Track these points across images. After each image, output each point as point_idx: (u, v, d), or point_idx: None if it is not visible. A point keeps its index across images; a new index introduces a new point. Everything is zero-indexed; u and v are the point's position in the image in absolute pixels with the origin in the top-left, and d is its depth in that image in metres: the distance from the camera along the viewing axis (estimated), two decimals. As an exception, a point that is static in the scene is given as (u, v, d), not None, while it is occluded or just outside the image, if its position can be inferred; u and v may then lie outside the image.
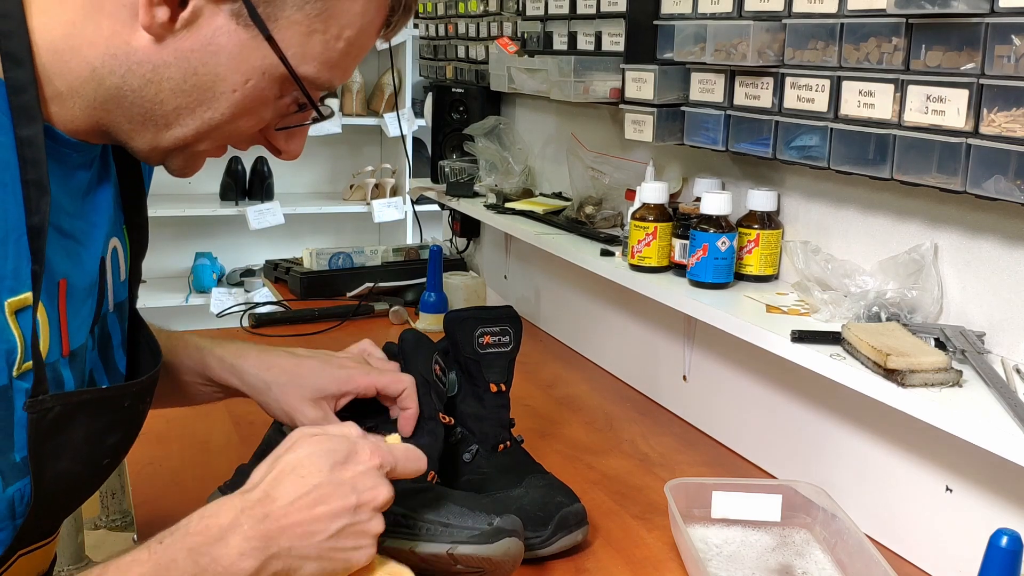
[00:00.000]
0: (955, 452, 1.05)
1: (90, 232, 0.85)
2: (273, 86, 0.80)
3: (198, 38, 0.76)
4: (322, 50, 0.79)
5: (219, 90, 0.78)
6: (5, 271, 0.72)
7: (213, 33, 0.76)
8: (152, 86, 0.77)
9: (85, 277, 0.84)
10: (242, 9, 0.75)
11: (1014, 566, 0.75)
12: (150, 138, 0.81)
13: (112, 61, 0.76)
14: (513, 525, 0.99)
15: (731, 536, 1.14)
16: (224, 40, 0.76)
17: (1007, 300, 1.05)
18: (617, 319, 1.73)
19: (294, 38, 0.77)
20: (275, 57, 0.77)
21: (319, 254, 2.24)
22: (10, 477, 0.76)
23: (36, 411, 0.76)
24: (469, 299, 2.04)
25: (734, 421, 1.44)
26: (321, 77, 0.81)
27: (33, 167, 0.74)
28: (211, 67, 0.77)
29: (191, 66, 0.76)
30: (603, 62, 1.61)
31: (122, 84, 0.77)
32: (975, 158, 0.98)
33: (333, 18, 0.78)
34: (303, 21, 0.77)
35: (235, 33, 0.76)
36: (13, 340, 0.73)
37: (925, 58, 1.03)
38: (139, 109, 0.78)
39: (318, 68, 0.80)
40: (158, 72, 0.76)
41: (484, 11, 2.18)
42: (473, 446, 1.17)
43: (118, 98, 0.78)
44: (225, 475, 1.10)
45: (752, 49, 1.23)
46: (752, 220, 1.35)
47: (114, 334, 0.92)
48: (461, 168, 2.16)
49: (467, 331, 1.17)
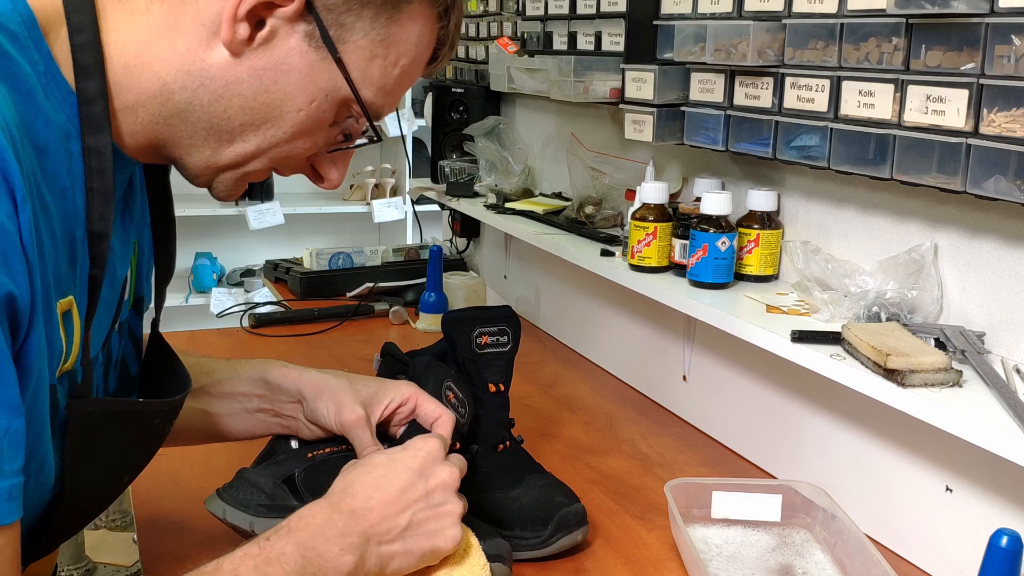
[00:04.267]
0: (955, 452, 1.05)
1: (119, 249, 0.87)
2: (332, 109, 0.84)
3: (272, 56, 0.79)
4: (380, 76, 0.83)
5: (285, 109, 0.82)
6: (61, 273, 0.75)
7: (286, 53, 0.80)
8: (222, 101, 0.80)
9: (113, 291, 0.87)
10: (315, 31, 0.79)
11: (1014, 566, 0.75)
12: (208, 154, 0.83)
13: (185, 77, 0.79)
14: (500, 550, 0.99)
15: (731, 536, 1.14)
16: (296, 60, 0.80)
17: (1007, 300, 1.05)
18: (617, 319, 1.73)
19: (358, 62, 0.82)
20: (339, 79, 0.82)
21: (319, 254, 2.24)
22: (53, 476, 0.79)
23: (77, 412, 0.79)
24: (469, 299, 2.04)
25: (734, 421, 1.44)
26: (376, 103, 0.85)
27: (99, 176, 0.77)
28: (281, 85, 0.80)
29: (263, 84, 0.80)
30: (603, 62, 1.61)
31: (192, 99, 0.80)
32: (975, 158, 0.98)
33: (393, 45, 0.83)
34: (367, 46, 0.81)
35: (306, 54, 0.80)
36: (60, 341, 0.76)
37: (925, 58, 1.03)
38: (204, 124, 0.81)
39: (375, 93, 0.84)
40: (230, 88, 0.80)
41: (484, 11, 2.18)
42: (473, 446, 1.17)
43: (185, 112, 0.80)
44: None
45: (752, 49, 1.23)
46: (752, 220, 1.35)
47: (113, 351, 0.93)
48: (461, 168, 2.16)
49: (464, 331, 1.17)
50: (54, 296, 0.74)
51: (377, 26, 0.81)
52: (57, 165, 0.75)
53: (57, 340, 0.75)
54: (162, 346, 0.99)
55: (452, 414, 1.07)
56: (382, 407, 1.07)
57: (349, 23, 0.80)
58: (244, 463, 1.12)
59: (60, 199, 0.75)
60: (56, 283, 0.74)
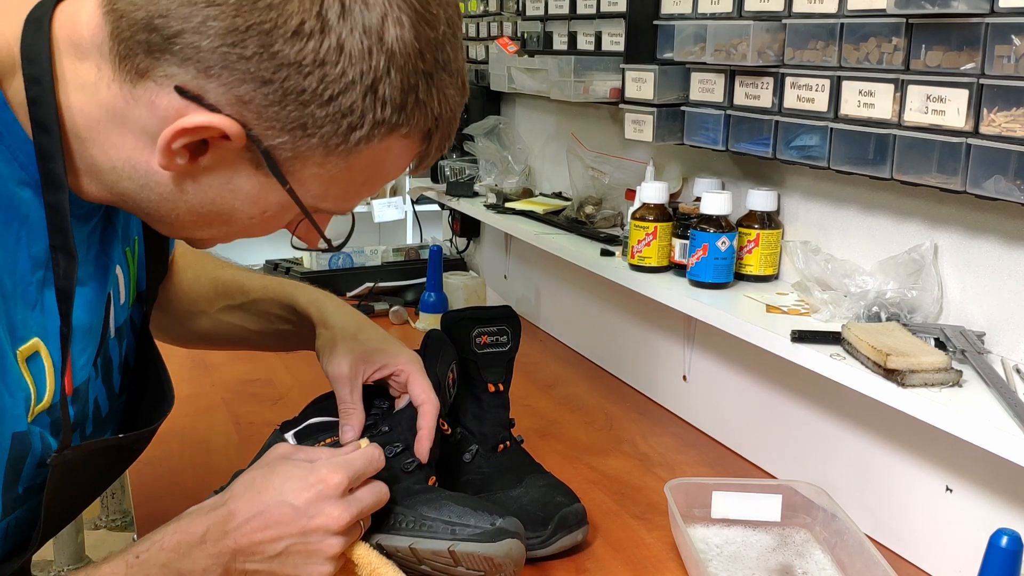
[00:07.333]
0: (955, 452, 1.05)
1: (97, 274, 0.87)
2: (290, 213, 0.79)
3: (217, 178, 0.75)
4: (343, 193, 0.78)
5: (236, 217, 0.78)
6: (15, 322, 0.74)
7: (233, 174, 0.75)
8: (168, 204, 0.77)
9: (91, 318, 0.86)
10: (263, 161, 0.73)
11: (1014, 566, 0.75)
12: (165, 230, 0.83)
13: (132, 171, 0.75)
14: (515, 527, 0.99)
15: (731, 536, 1.14)
16: (243, 182, 0.75)
17: (1007, 300, 1.05)
18: (617, 319, 1.73)
19: (315, 187, 0.76)
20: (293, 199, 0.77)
21: (319, 254, 2.24)
22: (10, 508, 0.79)
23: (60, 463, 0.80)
24: (469, 299, 2.04)
25: (734, 421, 1.44)
26: (340, 209, 0.81)
27: (59, 233, 0.75)
28: (228, 202, 0.77)
29: (208, 198, 0.76)
30: (603, 62, 1.61)
31: (139, 193, 0.77)
32: (975, 158, 0.98)
33: (356, 172, 0.76)
34: (324, 175, 0.75)
35: (254, 177, 0.75)
36: (27, 387, 0.76)
37: (925, 58, 1.03)
38: (155, 214, 0.79)
39: (337, 204, 0.80)
40: (175, 195, 0.76)
41: (484, 11, 2.18)
42: (473, 446, 1.17)
43: (137, 199, 0.77)
44: (225, 476, 1.10)
45: (752, 49, 1.23)
46: (752, 220, 1.35)
47: (114, 357, 0.93)
48: (461, 168, 2.16)
49: (464, 331, 1.17)
50: (8, 346, 0.74)
51: (331, 163, 0.74)
52: (7, 214, 0.73)
53: (23, 387, 0.75)
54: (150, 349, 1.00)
55: (436, 402, 1.07)
56: (374, 369, 1.07)
57: (302, 155, 0.73)
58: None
59: (11, 248, 0.73)
60: (11, 332, 0.74)
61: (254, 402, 1.56)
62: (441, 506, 0.99)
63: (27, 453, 0.77)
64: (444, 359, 1.12)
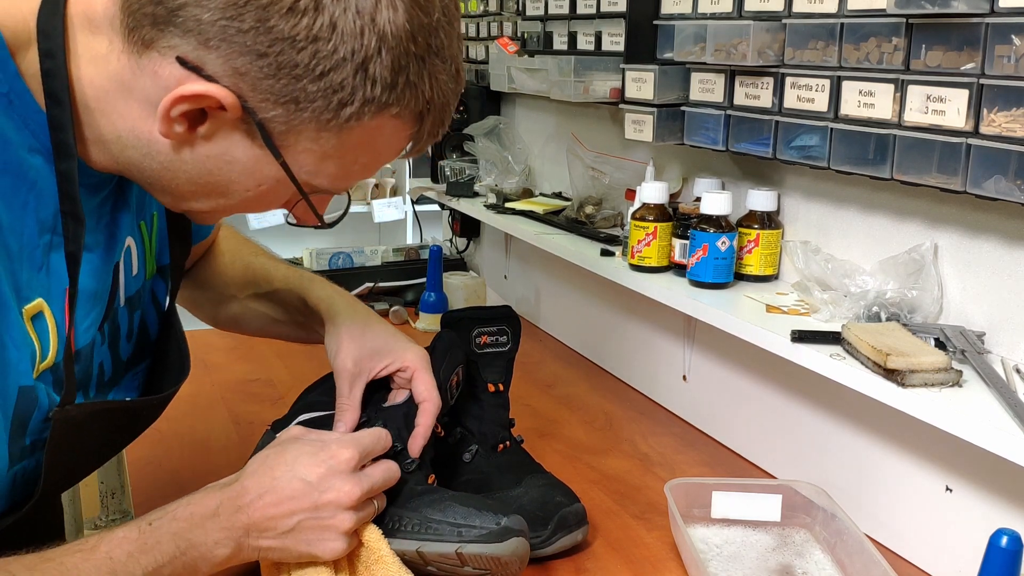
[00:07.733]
0: (955, 452, 1.05)
1: (106, 243, 0.89)
2: (284, 190, 0.82)
3: (215, 147, 0.78)
4: (336, 171, 0.81)
5: (233, 189, 0.81)
6: (20, 282, 0.77)
7: (230, 145, 0.78)
8: (169, 173, 0.80)
9: (96, 284, 0.87)
10: (258, 133, 0.76)
11: (1014, 566, 0.75)
12: (168, 201, 0.85)
13: (136, 140, 0.78)
14: (520, 525, 0.99)
15: (731, 536, 1.14)
16: (239, 153, 0.78)
17: (1007, 300, 1.05)
18: (617, 319, 1.73)
19: (308, 162, 0.79)
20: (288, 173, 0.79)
21: (319, 254, 2.24)
22: (17, 458, 0.80)
23: (61, 417, 0.81)
24: (469, 299, 2.04)
25: (734, 421, 1.44)
26: (335, 187, 0.84)
27: (68, 200, 0.78)
28: (226, 172, 0.80)
29: (206, 168, 0.79)
30: (603, 62, 1.61)
31: (142, 161, 0.80)
32: (975, 158, 0.98)
33: (349, 149, 0.79)
34: (318, 150, 0.78)
35: (250, 149, 0.78)
36: (32, 344, 0.78)
37: (925, 58, 1.03)
38: (157, 183, 0.82)
39: (331, 182, 0.82)
40: (175, 164, 0.79)
41: (484, 11, 2.18)
42: (472, 446, 1.17)
43: (140, 167, 0.80)
44: (225, 476, 1.10)
45: (752, 49, 1.23)
46: (752, 220, 1.35)
47: (122, 324, 0.95)
48: (461, 168, 2.16)
49: (464, 331, 1.17)
50: (14, 304, 0.76)
51: (323, 138, 0.77)
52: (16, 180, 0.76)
53: (28, 343, 0.78)
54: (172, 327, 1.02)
55: (438, 401, 1.07)
56: (380, 366, 1.08)
57: (295, 128, 0.76)
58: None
59: (19, 212, 0.76)
60: (16, 292, 0.76)
61: (254, 402, 1.57)
62: (445, 507, 0.99)
63: (33, 407, 0.80)
64: (451, 360, 1.12)
